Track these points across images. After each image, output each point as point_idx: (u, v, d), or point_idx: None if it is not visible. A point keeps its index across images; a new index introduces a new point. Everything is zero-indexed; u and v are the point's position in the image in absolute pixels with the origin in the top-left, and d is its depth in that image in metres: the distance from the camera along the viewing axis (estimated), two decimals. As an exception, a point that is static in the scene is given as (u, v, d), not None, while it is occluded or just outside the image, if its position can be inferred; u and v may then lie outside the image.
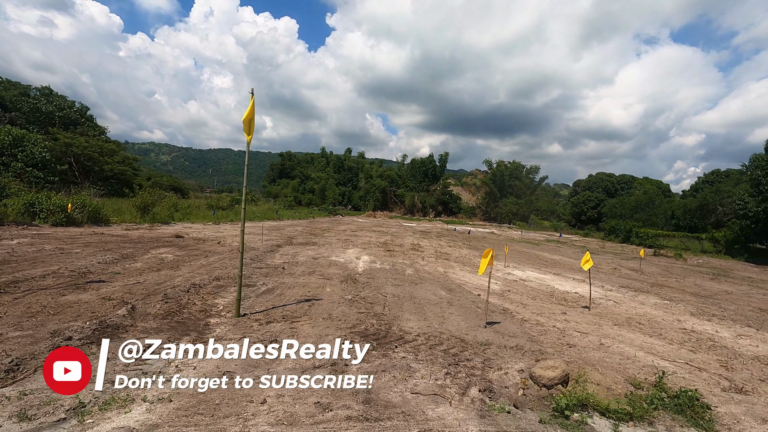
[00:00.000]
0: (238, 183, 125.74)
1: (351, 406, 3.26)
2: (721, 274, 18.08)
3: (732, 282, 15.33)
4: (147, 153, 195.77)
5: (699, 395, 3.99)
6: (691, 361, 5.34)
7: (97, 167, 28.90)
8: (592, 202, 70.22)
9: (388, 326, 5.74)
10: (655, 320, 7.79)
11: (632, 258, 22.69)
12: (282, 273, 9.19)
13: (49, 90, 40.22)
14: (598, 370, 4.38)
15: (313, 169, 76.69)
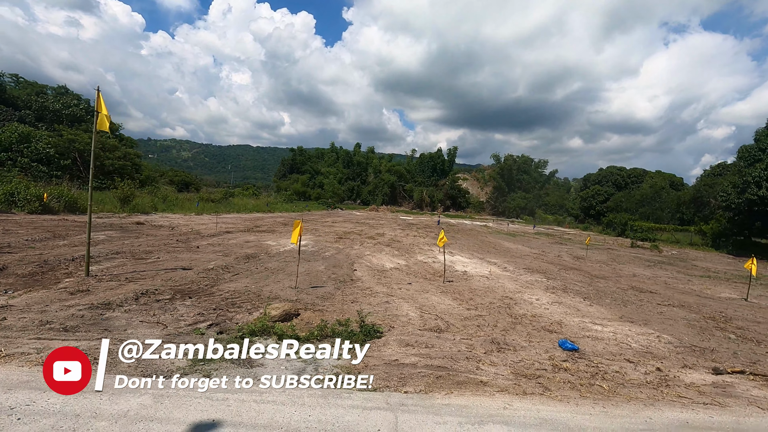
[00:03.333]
0: (256, 178, 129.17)
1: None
2: (666, 263, 18.29)
3: (663, 269, 15.65)
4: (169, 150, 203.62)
5: (380, 329, 4.97)
6: (453, 315, 6.21)
7: (98, 162, 31.07)
8: (601, 196, 68.86)
9: (212, 286, 6.88)
10: (491, 289, 8.62)
11: (598, 249, 22.95)
12: (188, 250, 10.47)
13: (65, 89, 43.18)
14: (322, 313, 5.39)
15: (323, 164, 78.33)
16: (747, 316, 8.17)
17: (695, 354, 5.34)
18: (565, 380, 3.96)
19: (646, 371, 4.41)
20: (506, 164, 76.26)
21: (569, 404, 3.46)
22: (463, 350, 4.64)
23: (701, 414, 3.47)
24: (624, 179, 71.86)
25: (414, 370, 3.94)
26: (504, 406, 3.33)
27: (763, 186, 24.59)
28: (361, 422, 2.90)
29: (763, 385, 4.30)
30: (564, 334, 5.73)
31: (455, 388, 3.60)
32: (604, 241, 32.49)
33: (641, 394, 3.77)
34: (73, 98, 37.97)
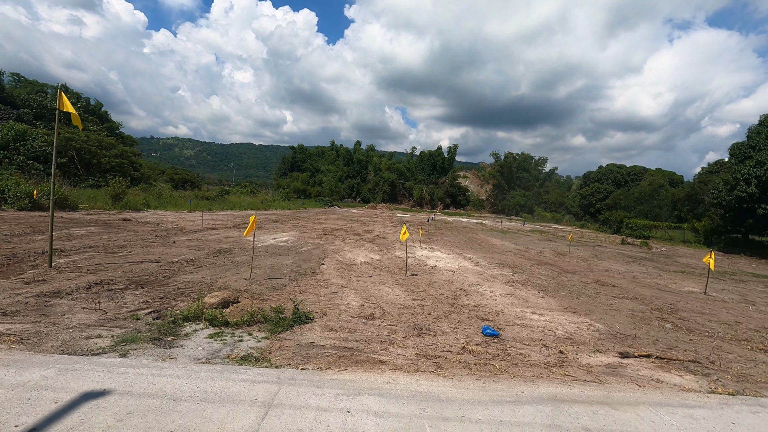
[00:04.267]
0: (258, 176, 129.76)
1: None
2: (648, 259, 18.43)
3: (641, 265, 15.81)
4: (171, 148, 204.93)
5: (312, 315, 5.27)
6: (395, 304, 6.48)
7: (95, 160, 31.61)
8: (600, 194, 68.75)
9: (170, 277, 7.20)
10: (451, 282, 8.88)
11: (586, 245, 23.10)
12: (163, 245, 10.82)
13: (65, 88, 43.58)
14: (258, 300, 5.69)
15: (323, 162, 78.71)
16: (695, 308, 8.37)
17: (615, 340, 5.58)
18: (463, 361, 4.23)
19: (549, 354, 4.66)
20: (506, 162, 76.26)
21: (452, 380, 3.74)
22: (383, 335, 4.92)
23: (574, 389, 3.73)
24: (624, 177, 71.63)
25: (322, 350, 4.22)
26: (388, 381, 3.61)
27: (752, 183, 24.62)
28: (243, 392, 3.19)
29: (657, 367, 4.54)
30: (495, 322, 5.99)
31: (351, 366, 3.89)
32: (596, 237, 32.60)
33: (528, 373, 4.03)
34: (71, 97, 38.46)
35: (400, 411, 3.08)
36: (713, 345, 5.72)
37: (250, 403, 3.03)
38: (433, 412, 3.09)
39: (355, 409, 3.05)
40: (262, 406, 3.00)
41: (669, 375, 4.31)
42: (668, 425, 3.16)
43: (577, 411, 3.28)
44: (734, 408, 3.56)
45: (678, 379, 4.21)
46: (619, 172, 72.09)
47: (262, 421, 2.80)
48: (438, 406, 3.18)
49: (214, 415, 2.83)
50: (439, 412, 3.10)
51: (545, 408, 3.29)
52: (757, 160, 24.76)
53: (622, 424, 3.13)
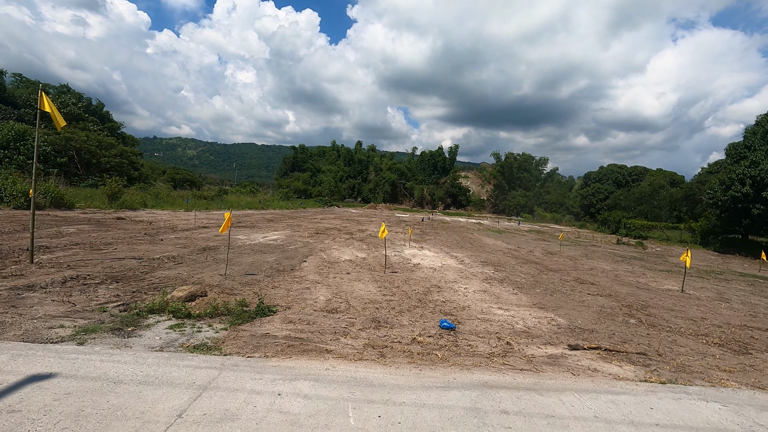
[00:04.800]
0: (261, 176, 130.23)
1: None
2: (638, 258, 18.50)
3: (629, 264, 15.91)
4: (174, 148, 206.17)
5: (275, 309, 5.46)
6: (363, 299, 6.66)
7: (94, 160, 31.99)
8: (601, 194, 68.63)
9: (147, 273, 7.42)
10: (428, 279, 9.05)
11: (580, 245, 23.17)
12: (150, 243, 11.06)
13: (66, 88, 44.31)
14: (226, 294, 5.89)
15: (324, 162, 79.00)
16: (666, 305, 8.50)
17: (572, 334, 5.73)
18: (408, 351, 4.40)
19: (497, 345, 4.83)
20: (506, 162, 76.26)
21: (390, 368, 3.91)
22: (339, 327, 5.10)
23: (507, 377, 3.89)
24: (625, 177, 71.45)
25: (273, 340, 4.41)
26: (327, 368, 3.79)
27: (746, 183, 24.60)
28: (183, 376, 3.38)
29: (600, 358, 4.70)
30: (457, 317, 6.15)
31: (297, 355, 4.07)
32: (592, 237, 32.63)
33: (468, 362, 4.20)
34: (72, 97, 38.96)
35: (330, 394, 3.25)
36: (669, 339, 5.87)
37: (187, 386, 3.21)
38: (360, 396, 3.26)
39: (286, 392, 3.23)
40: (197, 388, 3.18)
41: (609, 365, 4.46)
42: (586, 408, 3.32)
43: (502, 396, 3.45)
44: (659, 395, 3.72)
45: (616, 369, 4.36)
46: (620, 173, 71.91)
47: (194, 401, 2.99)
48: (368, 391, 3.36)
49: (149, 396, 3.02)
50: (367, 395, 3.28)
51: (472, 393, 3.46)
52: (751, 160, 24.75)
53: (542, 407, 3.29)
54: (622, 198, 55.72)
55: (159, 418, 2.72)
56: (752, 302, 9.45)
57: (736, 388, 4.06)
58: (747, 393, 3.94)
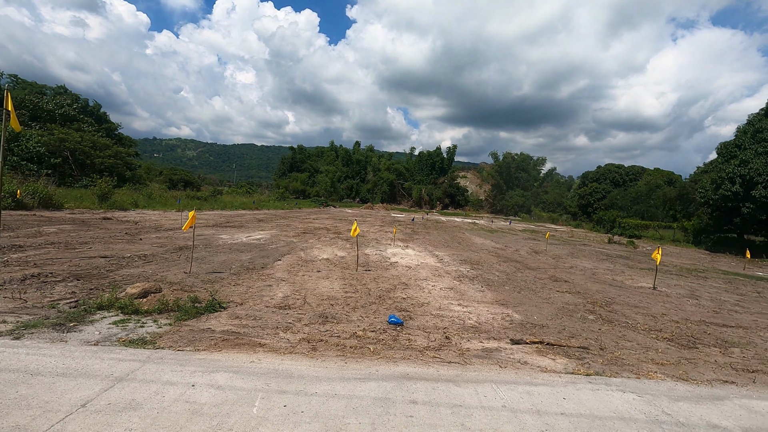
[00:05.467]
0: (261, 177, 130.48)
1: None
2: (623, 257, 18.53)
3: (612, 262, 15.93)
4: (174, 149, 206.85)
5: (226, 304, 5.54)
6: (322, 296, 6.74)
7: (89, 161, 32.17)
8: (599, 193, 68.56)
9: (112, 271, 7.51)
10: (398, 276, 9.11)
11: (570, 244, 23.20)
12: (128, 242, 11.18)
13: (63, 89, 44.58)
14: (173, 288, 5.97)
15: (322, 162, 79.16)
16: (632, 301, 8.54)
17: (522, 329, 5.79)
18: (342, 344, 4.47)
19: (435, 339, 4.89)
20: (504, 162, 76.27)
21: (317, 361, 3.98)
22: (284, 322, 5.17)
23: (431, 369, 3.96)
24: (622, 177, 71.33)
25: (210, 335, 4.49)
26: (253, 360, 3.86)
27: (736, 182, 24.58)
28: (104, 369, 3.46)
29: (536, 352, 4.76)
30: (411, 312, 6.22)
31: (228, 348, 4.14)
32: (585, 236, 32.63)
33: (398, 355, 4.27)
34: (67, 98, 39.18)
35: (245, 386, 3.33)
36: (619, 334, 5.92)
37: (103, 378, 3.29)
38: (275, 387, 3.34)
39: (201, 383, 3.31)
40: (113, 380, 3.26)
41: (542, 358, 4.52)
42: (498, 399, 3.38)
43: (418, 387, 3.51)
44: (578, 386, 3.77)
45: (547, 362, 4.42)
46: (617, 172, 71.78)
47: (104, 392, 3.06)
48: (284, 382, 3.43)
49: (60, 387, 3.09)
50: (282, 387, 3.35)
51: (388, 384, 3.52)
52: (741, 159, 24.74)
53: (453, 398, 3.35)
54: (618, 198, 55.69)
55: (61, 407, 2.80)
56: (721, 299, 9.48)
57: (661, 380, 4.12)
58: (668, 384, 3.99)
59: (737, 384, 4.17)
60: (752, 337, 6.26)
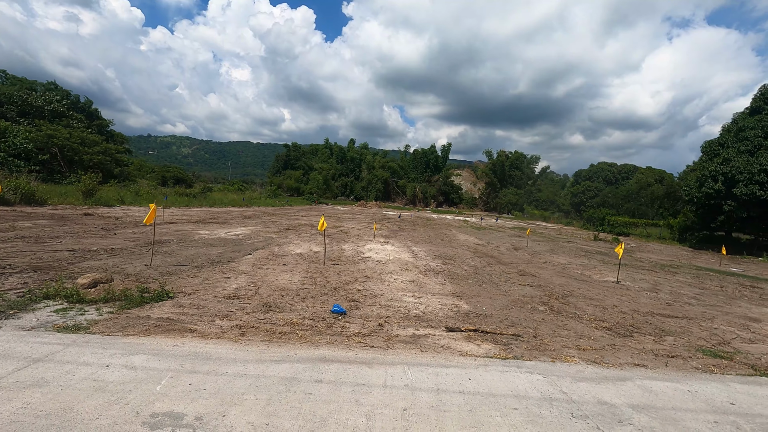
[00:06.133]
0: (256, 174, 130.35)
1: None
2: (602, 253, 18.72)
3: (588, 258, 16.11)
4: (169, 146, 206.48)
5: (173, 294, 5.67)
6: (276, 287, 6.88)
7: (77, 157, 32.17)
8: (591, 192, 69.02)
9: (73, 264, 7.62)
10: (364, 270, 9.25)
11: (553, 241, 23.40)
12: (102, 237, 11.29)
13: (54, 85, 44.50)
14: (120, 280, 6.10)
15: (316, 160, 79.23)
16: (590, 294, 8.72)
17: (465, 319, 5.95)
18: (272, 330, 4.61)
19: (368, 327, 5.04)
20: (498, 160, 76.55)
21: (239, 344, 4.12)
22: (225, 310, 5.31)
23: (350, 353, 4.11)
24: (614, 175, 71.87)
25: (145, 321, 4.62)
26: (176, 344, 4.00)
27: (719, 180, 24.83)
28: (25, 351, 3.59)
29: (465, 338, 4.91)
30: (360, 302, 6.37)
31: (157, 334, 4.28)
32: (572, 234, 32.87)
33: (323, 341, 4.42)
34: (57, 94, 39.11)
35: (158, 366, 3.46)
36: (560, 324, 6.09)
37: (21, 359, 3.42)
38: (188, 367, 3.48)
39: (115, 364, 3.44)
40: (30, 361, 3.39)
41: (467, 344, 4.67)
42: (404, 379, 3.54)
43: (330, 368, 3.66)
44: (488, 368, 3.93)
45: (471, 347, 4.57)
46: (609, 171, 72.31)
47: (16, 371, 3.20)
48: (199, 363, 3.57)
49: (-26, 366, 3.22)
50: (195, 367, 3.49)
51: (301, 366, 3.67)
52: (723, 158, 24.98)
53: (360, 378, 3.50)
54: (610, 196, 56.11)
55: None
56: (681, 292, 9.67)
57: (575, 363, 4.28)
58: (579, 367, 4.15)
59: (648, 367, 4.33)
60: (692, 327, 6.43)
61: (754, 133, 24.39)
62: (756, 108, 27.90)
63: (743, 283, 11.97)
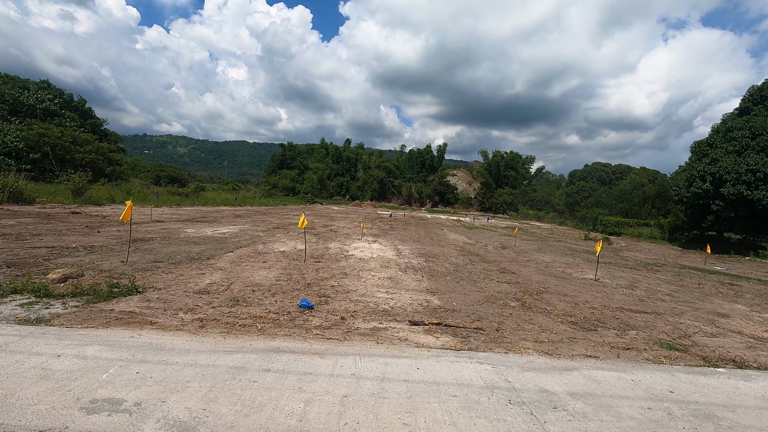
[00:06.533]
0: (253, 174, 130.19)
1: None
2: (588, 252, 18.84)
3: (574, 257, 16.23)
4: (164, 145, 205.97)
5: (143, 289, 5.73)
6: (248, 282, 6.94)
7: (68, 156, 32.11)
8: (585, 192, 69.38)
9: (49, 260, 7.66)
10: (343, 268, 9.32)
11: (543, 240, 23.53)
12: (84, 234, 11.34)
13: (47, 83, 44.36)
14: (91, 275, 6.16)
15: (312, 160, 79.23)
16: (565, 291, 8.82)
17: (433, 313, 6.03)
18: (233, 323, 4.69)
19: (331, 320, 5.12)
20: (494, 161, 76.77)
21: (197, 336, 4.19)
22: (191, 304, 5.38)
23: (305, 344, 4.18)
24: (609, 175, 72.24)
25: (108, 315, 4.68)
26: (132, 335, 4.07)
27: (707, 180, 25.01)
28: (-20, 341, 3.64)
29: (425, 331, 5.00)
30: (331, 298, 6.45)
31: (117, 326, 4.34)
32: (564, 233, 33.03)
33: (281, 332, 4.49)
34: (49, 93, 39.02)
35: (110, 356, 3.53)
36: (526, 318, 6.18)
37: (-26, 348, 3.48)
38: (139, 357, 3.54)
39: (67, 354, 3.51)
40: (-18, 350, 3.45)
41: (425, 337, 4.76)
42: (352, 368, 3.62)
43: (281, 358, 3.74)
44: (440, 359, 4.01)
45: (429, 340, 4.66)
46: (604, 171, 72.66)
47: (-34, 360, 3.25)
48: (151, 353, 3.64)
49: (-74, 355, 3.27)
50: (147, 357, 3.56)
51: (253, 356, 3.74)
52: (712, 158, 25.17)
53: (308, 367, 3.58)
54: (603, 196, 56.39)
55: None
56: (657, 289, 9.79)
57: (528, 354, 4.37)
58: (530, 358, 4.24)
59: (599, 358, 4.43)
60: (658, 322, 6.53)
61: (741, 133, 24.60)
62: (745, 109, 28.14)
63: (722, 281, 12.10)
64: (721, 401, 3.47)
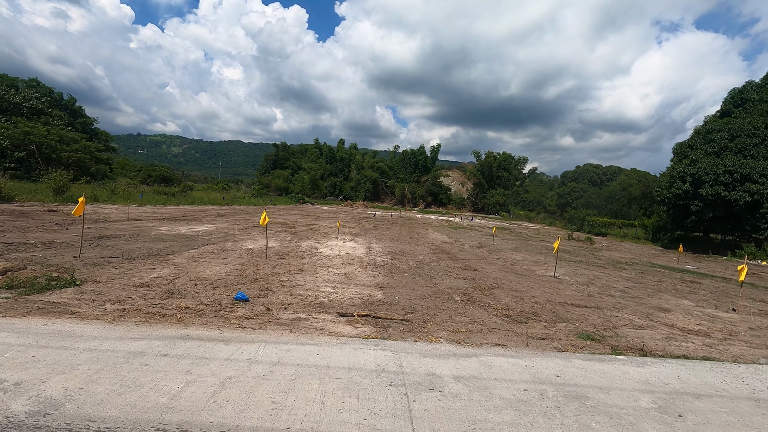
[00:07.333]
0: (247, 174, 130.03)
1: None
2: (566, 251, 19.02)
3: (546, 255, 16.39)
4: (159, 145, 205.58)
5: (81, 282, 5.82)
6: (197, 276, 7.06)
7: (54, 155, 32.07)
8: (576, 193, 69.81)
9: (1, 255, 7.75)
10: (306, 264, 9.43)
11: (527, 239, 23.70)
12: (51, 231, 11.41)
13: (36, 82, 44.27)
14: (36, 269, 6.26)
15: (305, 160, 79.30)
16: (517, 287, 8.97)
17: (369, 307, 6.15)
18: (152, 312, 4.81)
19: (256, 311, 5.25)
20: (486, 161, 77.07)
21: (112, 325, 4.31)
22: (123, 296, 5.49)
23: (216, 332, 4.31)
24: (600, 177, 72.68)
25: (32, 305, 4.79)
26: (46, 323, 4.18)
27: (687, 180, 25.26)
28: None
29: (345, 322, 5.13)
30: (275, 292, 6.56)
31: (38, 315, 4.45)
32: (548, 233, 33.24)
33: (199, 321, 4.61)
34: (37, 91, 38.95)
35: (12, 342, 3.64)
36: (462, 311, 6.32)
37: None
38: (43, 343, 3.66)
39: (-29, 340, 3.61)
40: None
41: (344, 327, 4.89)
42: (252, 354, 3.74)
43: (186, 345, 3.86)
44: (345, 347, 4.14)
45: (347, 329, 4.79)
46: (595, 172, 73.10)
47: None
48: (56, 340, 3.75)
49: None
50: (50, 343, 3.67)
51: (156, 342, 3.87)
52: (691, 159, 25.44)
53: (208, 352, 3.71)
54: (593, 197, 56.78)
55: None
56: (612, 286, 9.97)
57: (436, 342, 4.51)
58: (435, 346, 4.38)
59: (506, 347, 4.57)
60: (592, 315, 6.69)
61: (720, 135, 24.88)
62: (726, 111, 28.46)
63: (684, 279, 12.30)
64: (602, 384, 3.61)
